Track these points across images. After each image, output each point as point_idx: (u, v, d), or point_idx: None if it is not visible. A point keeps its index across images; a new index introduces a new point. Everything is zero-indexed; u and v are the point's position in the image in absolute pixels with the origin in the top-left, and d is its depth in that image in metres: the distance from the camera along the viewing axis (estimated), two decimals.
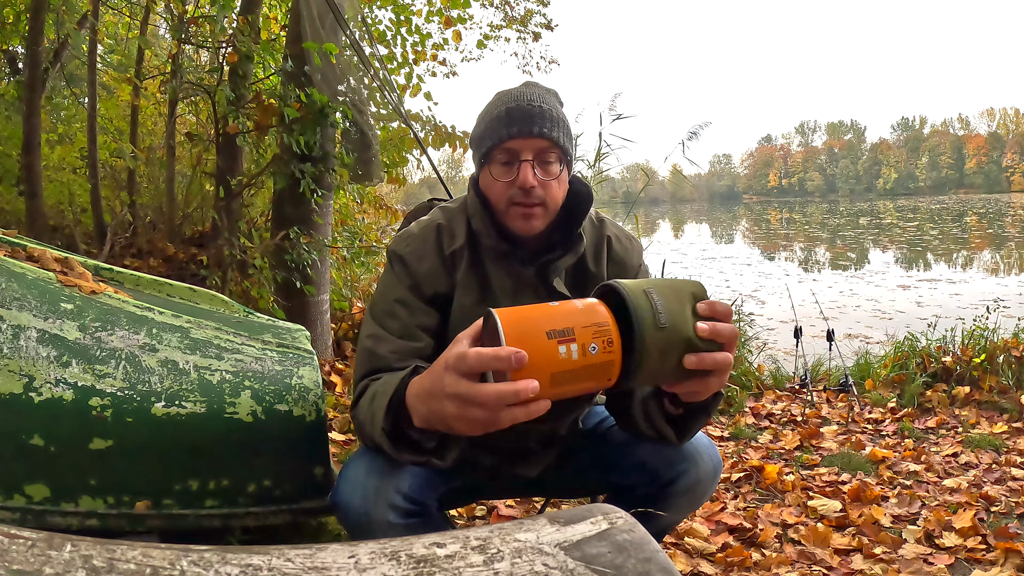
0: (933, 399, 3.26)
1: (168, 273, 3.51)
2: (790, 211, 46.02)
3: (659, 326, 0.80)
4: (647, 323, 0.79)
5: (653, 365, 0.80)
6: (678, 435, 1.09)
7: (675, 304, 0.83)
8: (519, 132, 1.11)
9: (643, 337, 0.79)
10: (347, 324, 3.79)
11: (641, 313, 0.79)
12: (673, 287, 0.85)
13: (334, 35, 3.27)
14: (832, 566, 1.78)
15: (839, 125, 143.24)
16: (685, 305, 0.83)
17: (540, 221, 1.15)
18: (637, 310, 0.79)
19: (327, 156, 3.24)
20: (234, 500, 1.34)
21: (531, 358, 0.73)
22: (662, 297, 0.82)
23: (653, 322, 0.80)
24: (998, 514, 2.08)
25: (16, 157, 4.15)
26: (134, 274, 1.72)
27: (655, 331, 0.80)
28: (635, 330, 0.78)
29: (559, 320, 0.75)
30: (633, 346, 0.78)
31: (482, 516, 2.04)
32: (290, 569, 0.46)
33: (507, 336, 0.73)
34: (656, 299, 0.81)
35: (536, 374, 0.73)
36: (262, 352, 1.43)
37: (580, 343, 0.75)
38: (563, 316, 0.76)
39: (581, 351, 0.75)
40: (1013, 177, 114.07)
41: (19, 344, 1.21)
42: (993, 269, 11.20)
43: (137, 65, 4.57)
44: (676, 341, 0.82)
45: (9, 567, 0.40)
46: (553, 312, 0.76)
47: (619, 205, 14.53)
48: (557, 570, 0.48)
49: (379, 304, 1.17)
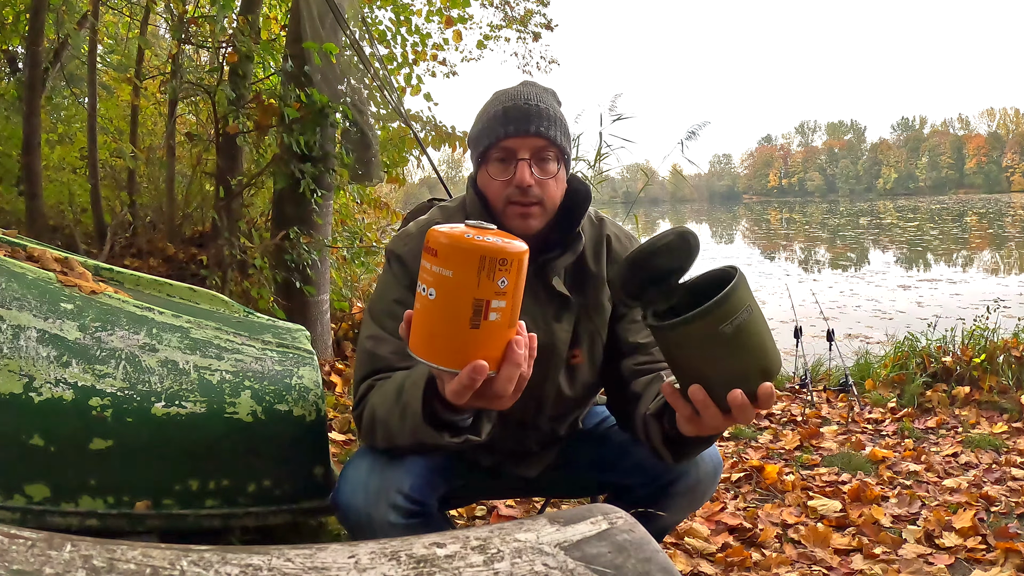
0: (933, 399, 3.26)
1: (168, 273, 3.51)
2: (790, 211, 46.02)
3: (720, 330, 0.79)
4: (714, 316, 0.79)
5: (685, 341, 0.81)
6: (674, 456, 1.06)
7: (750, 339, 0.81)
8: (516, 131, 1.11)
9: (700, 316, 0.78)
10: (347, 324, 3.78)
11: (725, 306, 0.79)
12: (766, 335, 0.83)
13: (334, 35, 3.27)
14: (832, 566, 1.78)
15: (839, 125, 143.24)
16: (754, 357, 0.82)
17: (538, 220, 1.15)
18: (725, 302, 0.78)
19: (327, 156, 3.24)
20: (234, 500, 1.34)
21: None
22: (753, 323, 0.81)
23: (720, 320, 0.79)
24: (998, 514, 2.08)
25: (16, 157, 4.15)
26: (134, 274, 1.72)
27: (713, 326, 0.79)
28: (703, 308, 0.78)
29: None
30: (696, 312, 0.79)
31: (482, 516, 2.04)
32: (290, 569, 0.46)
33: None
34: (744, 316, 0.80)
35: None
36: (262, 352, 1.43)
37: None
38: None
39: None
40: (1013, 177, 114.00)
41: (19, 344, 1.21)
42: (993, 269, 11.21)
43: (137, 65, 4.57)
44: (715, 356, 0.81)
45: (9, 567, 0.40)
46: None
47: (619, 205, 14.53)
48: (557, 570, 0.48)
49: (378, 304, 1.17)
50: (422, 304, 0.72)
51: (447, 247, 0.69)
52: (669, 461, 1.07)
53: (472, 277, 0.68)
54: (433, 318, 0.71)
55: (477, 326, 0.70)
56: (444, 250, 0.69)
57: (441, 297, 0.70)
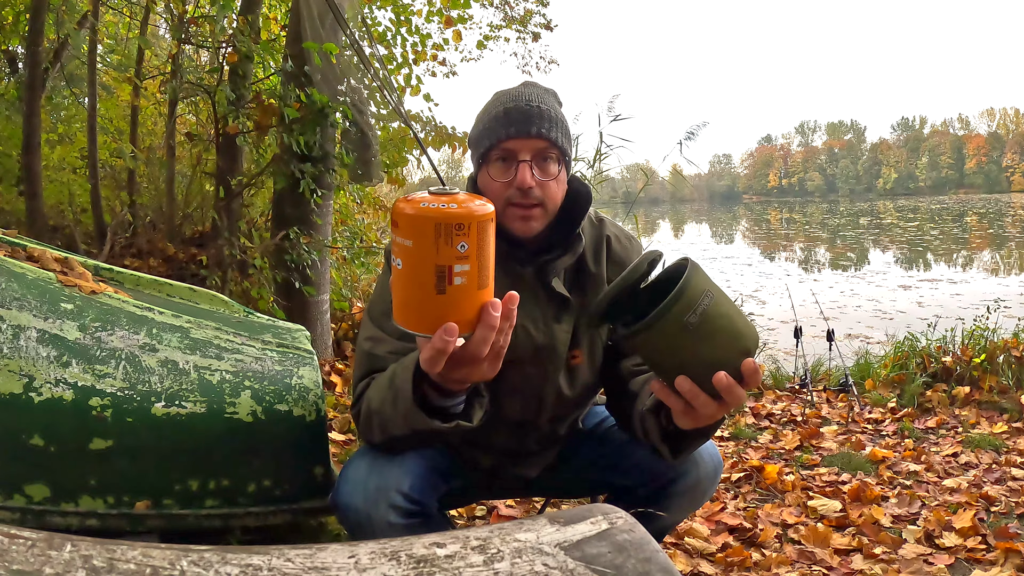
0: (933, 399, 3.26)
1: (168, 273, 3.51)
2: (790, 211, 46.01)
3: (685, 321, 0.81)
4: (675, 311, 0.80)
5: (655, 341, 0.83)
6: (673, 452, 1.06)
7: (718, 322, 0.83)
8: (517, 132, 1.11)
9: (663, 314, 0.80)
10: (347, 324, 3.79)
11: (683, 298, 0.80)
12: (735, 315, 0.84)
13: (334, 35, 3.27)
14: (832, 566, 1.78)
15: (839, 125, 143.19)
16: (728, 338, 0.84)
17: (539, 222, 1.15)
18: (681, 295, 0.80)
19: (327, 156, 3.24)
20: (234, 500, 1.34)
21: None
22: (717, 307, 0.82)
23: (683, 313, 0.81)
24: (998, 514, 2.08)
25: (16, 157, 4.15)
26: (134, 274, 1.72)
27: (677, 320, 0.81)
28: (662, 306, 0.80)
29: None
30: (656, 311, 0.81)
31: (482, 516, 2.04)
32: (290, 569, 0.46)
33: None
34: (706, 303, 0.81)
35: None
36: (262, 352, 1.43)
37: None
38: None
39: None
40: (1013, 177, 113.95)
41: (19, 344, 1.21)
42: (993, 269, 11.21)
43: (137, 65, 4.57)
44: (689, 348, 0.82)
45: (9, 567, 0.40)
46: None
47: (619, 205, 14.53)
48: (557, 570, 0.48)
49: (377, 305, 1.17)
50: (395, 275, 0.74)
51: (405, 217, 0.71)
52: (668, 458, 1.07)
53: (430, 244, 0.70)
54: (403, 286, 0.73)
55: (443, 291, 0.72)
56: (403, 220, 0.71)
57: (407, 266, 0.72)
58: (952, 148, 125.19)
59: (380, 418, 1.04)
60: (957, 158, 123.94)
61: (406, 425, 0.98)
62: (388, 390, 1.01)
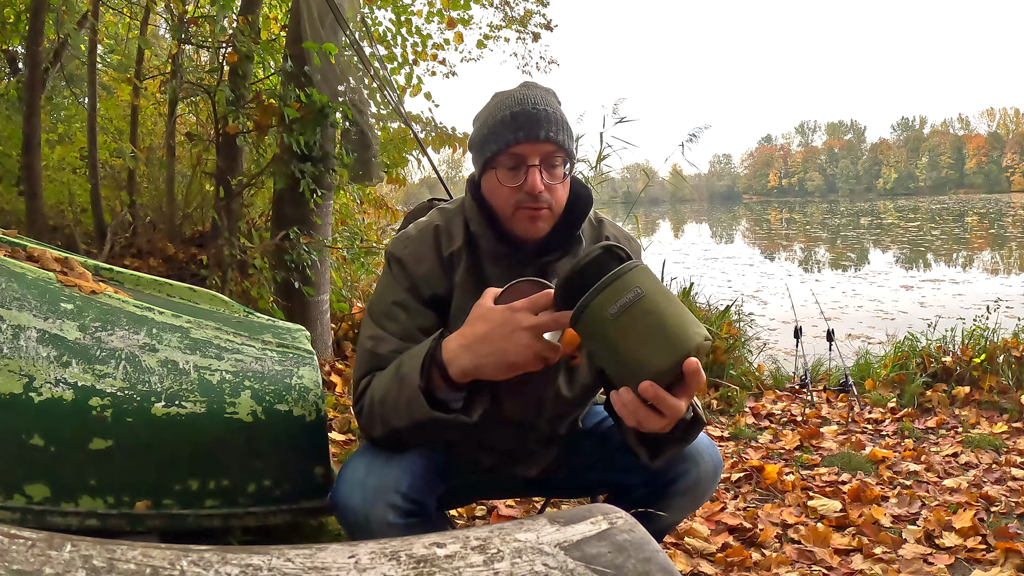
0: (933, 399, 3.26)
1: (168, 273, 3.51)
2: (790, 211, 45.99)
3: (609, 312, 0.83)
4: (599, 302, 0.84)
5: (585, 330, 0.87)
6: (651, 455, 1.05)
7: (647, 319, 0.83)
8: (526, 137, 1.10)
9: (585, 306, 0.85)
10: (347, 324, 3.79)
11: (607, 291, 0.84)
12: (672, 317, 0.83)
13: (334, 35, 3.27)
14: (832, 566, 1.78)
15: (839, 125, 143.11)
16: (661, 339, 0.83)
17: (546, 223, 1.15)
18: (605, 286, 0.84)
19: (327, 156, 3.24)
20: (234, 500, 1.34)
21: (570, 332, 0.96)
22: (646, 304, 0.83)
23: (605, 304, 0.83)
24: (998, 514, 2.08)
25: (16, 157, 4.15)
26: (134, 274, 1.72)
27: (599, 311, 0.84)
28: (584, 299, 0.85)
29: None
30: (581, 300, 0.85)
31: (482, 516, 2.04)
32: (290, 569, 0.46)
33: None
34: (630, 297, 0.83)
35: (572, 343, 0.99)
36: (262, 352, 1.43)
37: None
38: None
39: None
40: (1013, 177, 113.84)
41: (19, 344, 1.21)
42: (994, 270, 11.20)
43: (137, 65, 4.56)
44: (610, 339, 0.84)
45: (9, 567, 0.40)
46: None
47: (619, 205, 14.52)
48: (557, 570, 0.48)
49: (377, 306, 1.17)
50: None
51: None
52: (647, 462, 1.06)
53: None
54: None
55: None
56: None
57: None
58: (952, 148, 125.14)
59: (383, 407, 1.06)
60: (957, 158, 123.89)
61: (408, 415, 1.01)
62: (394, 378, 1.04)
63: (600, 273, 0.87)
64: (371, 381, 1.11)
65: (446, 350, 1.01)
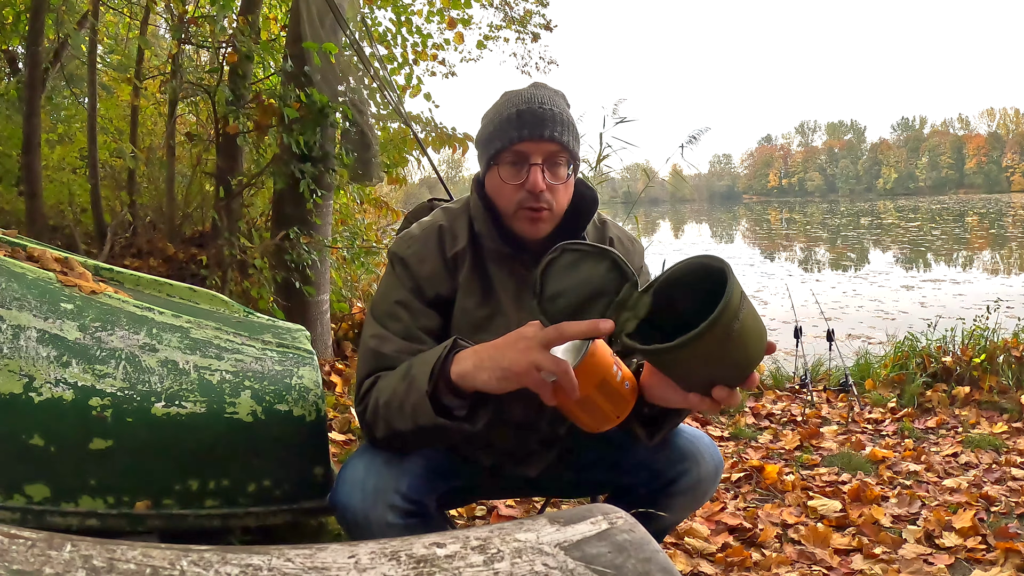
0: (933, 399, 3.26)
1: (168, 273, 3.51)
2: (790, 211, 45.99)
3: (732, 329, 0.79)
4: (725, 319, 0.77)
5: (702, 351, 0.80)
6: (650, 435, 1.07)
7: (755, 322, 0.82)
8: (530, 135, 1.10)
9: (714, 323, 0.77)
10: (347, 324, 3.78)
11: (731, 309, 0.78)
12: (758, 322, 0.83)
13: (334, 35, 3.27)
14: (832, 566, 1.78)
15: (839, 125, 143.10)
16: (761, 337, 0.83)
17: (548, 225, 1.15)
18: (729, 305, 0.77)
19: (327, 156, 3.24)
20: (234, 500, 1.34)
21: (598, 358, 0.90)
22: (751, 306, 0.81)
23: (731, 320, 0.78)
24: (998, 514, 2.08)
25: (16, 157, 4.15)
26: (134, 274, 1.72)
27: (726, 328, 0.78)
28: (716, 314, 0.77)
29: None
30: (709, 320, 0.77)
31: (482, 516, 2.04)
32: (290, 569, 0.46)
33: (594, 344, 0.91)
34: (745, 305, 0.79)
35: (595, 372, 0.90)
36: (262, 352, 1.43)
37: (624, 373, 0.95)
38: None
39: (623, 379, 0.94)
40: (1013, 177, 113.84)
41: (19, 344, 1.21)
42: (994, 269, 11.20)
43: (137, 65, 4.57)
44: (728, 352, 0.81)
45: (9, 567, 0.40)
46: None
47: (619, 205, 14.52)
48: (557, 570, 0.48)
49: (380, 306, 1.17)
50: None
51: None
52: (645, 441, 1.07)
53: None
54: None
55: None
56: None
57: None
58: (952, 148, 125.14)
59: (387, 409, 1.06)
60: (957, 158, 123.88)
61: (412, 418, 1.01)
62: (402, 381, 1.04)
63: (692, 282, 0.85)
64: (375, 381, 1.11)
65: (463, 357, 0.99)
